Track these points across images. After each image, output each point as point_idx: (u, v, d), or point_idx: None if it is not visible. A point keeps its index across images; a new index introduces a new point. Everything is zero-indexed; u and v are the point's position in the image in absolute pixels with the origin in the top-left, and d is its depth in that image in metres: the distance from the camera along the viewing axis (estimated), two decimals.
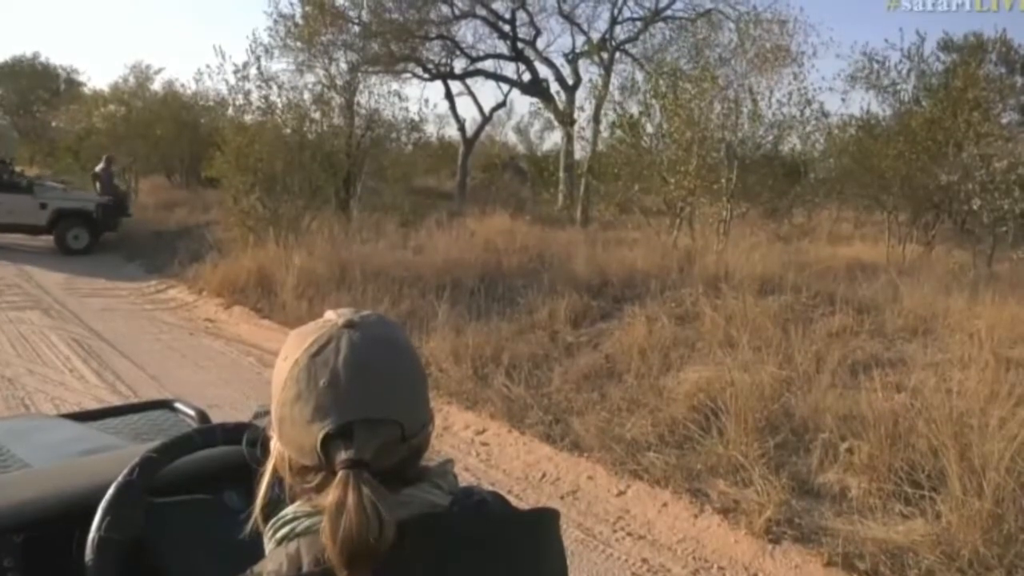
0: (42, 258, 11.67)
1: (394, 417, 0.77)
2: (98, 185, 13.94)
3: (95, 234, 12.41)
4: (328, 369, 0.76)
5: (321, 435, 0.74)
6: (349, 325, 0.79)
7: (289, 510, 0.77)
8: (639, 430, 4.36)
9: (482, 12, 18.84)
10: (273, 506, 0.81)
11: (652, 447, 4.19)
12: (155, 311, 8.49)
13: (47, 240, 12.52)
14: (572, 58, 19.19)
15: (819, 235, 12.13)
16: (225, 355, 6.80)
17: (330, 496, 0.71)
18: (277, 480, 0.82)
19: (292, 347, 0.79)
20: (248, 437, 0.94)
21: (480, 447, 4.66)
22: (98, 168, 14.27)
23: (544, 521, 0.84)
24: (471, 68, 19.79)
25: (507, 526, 0.81)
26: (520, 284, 7.48)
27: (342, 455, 0.74)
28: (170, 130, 17.95)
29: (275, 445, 0.81)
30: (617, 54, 18.49)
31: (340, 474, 0.72)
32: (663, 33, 18.44)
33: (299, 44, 16.13)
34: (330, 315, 0.82)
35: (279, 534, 0.76)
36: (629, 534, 3.64)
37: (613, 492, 3.99)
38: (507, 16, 19.01)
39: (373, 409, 0.76)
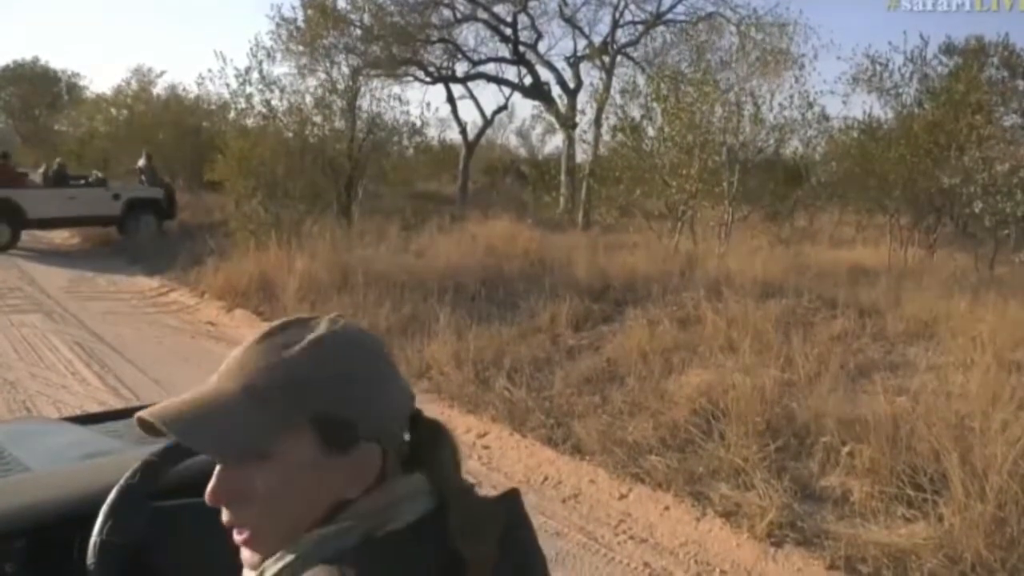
0: (44, 261, 11.69)
1: None
2: (143, 178, 14.18)
3: (161, 220, 13.33)
4: (377, 346, 0.79)
5: (411, 412, 0.78)
6: (338, 318, 0.79)
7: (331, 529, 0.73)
8: (641, 433, 4.36)
9: (484, 16, 18.89)
10: None
11: (654, 450, 4.18)
12: (157, 314, 8.49)
13: (49, 243, 12.57)
14: (574, 61, 19.24)
15: (821, 239, 12.12)
16: (227, 358, 6.78)
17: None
18: None
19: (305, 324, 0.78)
20: None
21: (482, 450, 4.65)
22: (140, 163, 14.57)
23: (515, 499, 0.84)
24: (473, 71, 19.83)
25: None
26: (521, 288, 7.47)
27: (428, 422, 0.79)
28: (172, 134, 17.99)
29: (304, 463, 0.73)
30: (619, 57, 18.54)
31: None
32: (664, 37, 18.52)
33: (301, 48, 16.20)
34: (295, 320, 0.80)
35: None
36: (631, 538, 3.64)
37: (615, 495, 3.98)
38: (509, 20, 19.06)
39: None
